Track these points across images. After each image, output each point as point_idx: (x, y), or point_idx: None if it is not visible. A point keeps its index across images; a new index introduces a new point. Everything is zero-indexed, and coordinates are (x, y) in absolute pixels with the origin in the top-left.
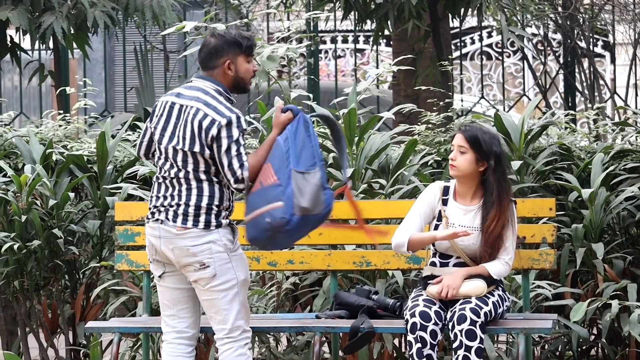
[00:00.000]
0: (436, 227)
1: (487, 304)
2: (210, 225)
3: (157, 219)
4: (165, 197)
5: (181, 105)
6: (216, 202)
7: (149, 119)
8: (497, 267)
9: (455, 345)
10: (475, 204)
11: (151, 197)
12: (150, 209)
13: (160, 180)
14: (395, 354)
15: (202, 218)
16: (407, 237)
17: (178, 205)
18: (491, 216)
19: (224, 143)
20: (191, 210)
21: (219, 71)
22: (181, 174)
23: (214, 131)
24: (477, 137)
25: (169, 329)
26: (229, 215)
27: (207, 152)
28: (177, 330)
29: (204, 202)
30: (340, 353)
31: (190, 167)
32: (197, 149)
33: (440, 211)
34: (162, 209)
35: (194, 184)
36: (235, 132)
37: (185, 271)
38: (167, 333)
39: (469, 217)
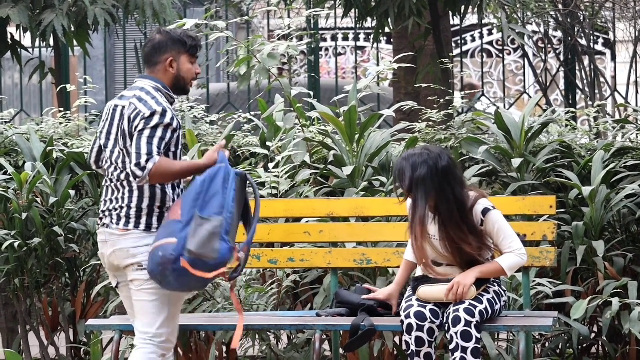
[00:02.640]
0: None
1: (481, 302)
2: (151, 227)
3: (104, 224)
4: (110, 201)
5: (121, 107)
6: (157, 204)
7: (98, 124)
8: (510, 260)
9: (451, 347)
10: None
11: (100, 201)
12: (98, 213)
13: (108, 183)
14: (395, 352)
15: (143, 220)
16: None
17: (121, 207)
18: (442, 227)
19: (140, 127)
20: (132, 212)
21: (160, 67)
22: (122, 175)
23: (137, 122)
24: (399, 176)
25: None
26: None
27: None
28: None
29: (144, 203)
30: (341, 351)
31: (128, 167)
32: (128, 144)
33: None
34: (107, 212)
35: (134, 185)
36: (154, 121)
37: (126, 270)
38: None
39: (433, 227)
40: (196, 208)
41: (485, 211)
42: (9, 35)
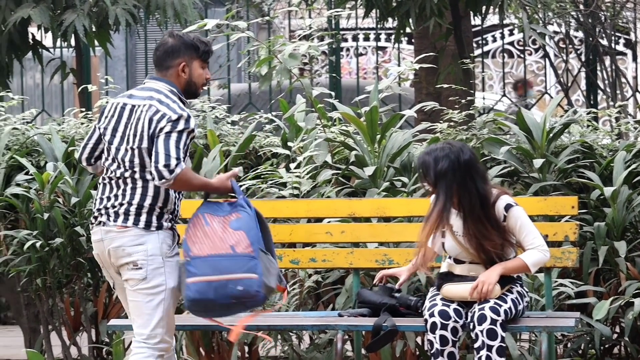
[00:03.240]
0: (443, 235)
1: (506, 302)
2: (151, 226)
3: (100, 222)
4: (109, 198)
5: (133, 106)
6: (159, 204)
7: (97, 121)
8: (534, 257)
9: (477, 345)
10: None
11: (95, 199)
12: (93, 212)
13: (106, 181)
14: (417, 352)
15: (143, 217)
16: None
17: (121, 204)
18: (465, 223)
19: (167, 130)
20: (133, 209)
21: (173, 72)
22: (127, 174)
23: (162, 124)
24: (423, 170)
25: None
26: (172, 219)
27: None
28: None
29: (147, 201)
30: (363, 351)
31: (137, 167)
32: (145, 144)
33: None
34: (103, 211)
35: (139, 183)
36: (181, 126)
37: (122, 270)
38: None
39: (458, 222)
40: (260, 243)
41: (508, 207)
42: (30, 36)
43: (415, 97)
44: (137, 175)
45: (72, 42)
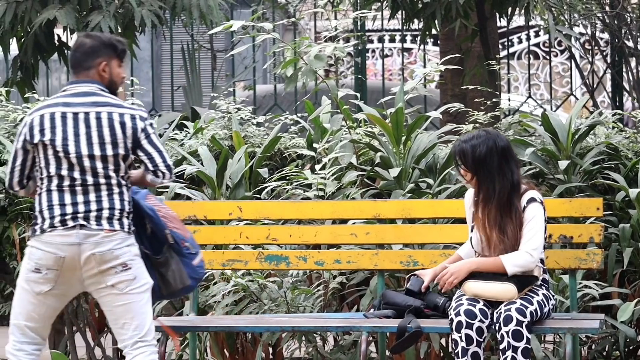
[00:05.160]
0: (471, 229)
1: (532, 304)
2: (131, 229)
3: (74, 226)
4: (80, 204)
5: (86, 113)
6: (131, 207)
7: (22, 141)
8: (514, 258)
9: (502, 346)
10: None
11: (50, 206)
12: (52, 217)
13: (65, 188)
14: (442, 354)
15: (126, 221)
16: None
17: (101, 209)
18: (483, 215)
19: (148, 130)
20: (117, 213)
21: (94, 72)
22: (102, 181)
23: (140, 125)
24: (461, 158)
25: (28, 339)
26: None
27: (131, 153)
28: (37, 342)
29: (127, 206)
30: (387, 352)
31: (112, 173)
32: (121, 151)
33: (473, 213)
34: (81, 215)
35: (116, 189)
36: (153, 125)
37: (104, 276)
38: (26, 344)
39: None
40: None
41: (531, 200)
42: (56, 37)
43: (440, 99)
44: (113, 181)
45: None
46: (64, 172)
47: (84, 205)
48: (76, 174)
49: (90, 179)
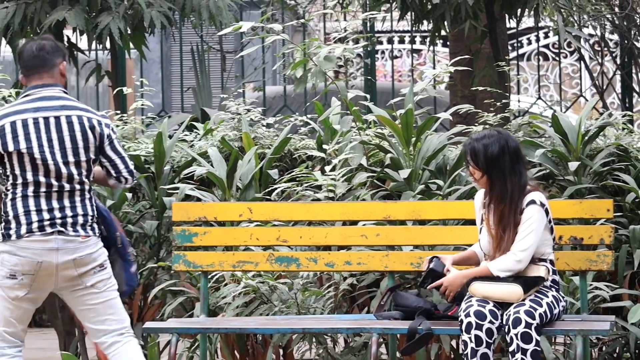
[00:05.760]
0: (480, 231)
1: (541, 306)
2: (98, 233)
3: (52, 232)
4: (56, 209)
5: (56, 117)
6: (96, 211)
7: None
8: (499, 263)
9: (511, 349)
10: None
11: (27, 212)
12: (30, 223)
13: (42, 194)
14: (452, 355)
15: (96, 227)
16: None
17: (76, 215)
18: (492, 216)
19: (113, 135)
20: (89, 219)
21: (56, 72)
22: (77, 187)
23: (106, 131)
24: (472, 157)
25: (9, 343)
26: None
27: (99, 156)
28: (18, 345)
29: (95, 211)
30: (398, 354)
31: (85, 179)
32: (92, 156)
33: (482, 214)
34: (59, 221)
35: (87, 195)
36: (112, 126)
37: (82, 278)
38: (8, 348)
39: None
40: None
41: (529, 203)
42: (65, 38)
43: (450, 100)
44: (86, 187)
45: (107, 45)
46: (42, 179)
47: (59, 212)
48: (53, 180)
49: (66, 185)
